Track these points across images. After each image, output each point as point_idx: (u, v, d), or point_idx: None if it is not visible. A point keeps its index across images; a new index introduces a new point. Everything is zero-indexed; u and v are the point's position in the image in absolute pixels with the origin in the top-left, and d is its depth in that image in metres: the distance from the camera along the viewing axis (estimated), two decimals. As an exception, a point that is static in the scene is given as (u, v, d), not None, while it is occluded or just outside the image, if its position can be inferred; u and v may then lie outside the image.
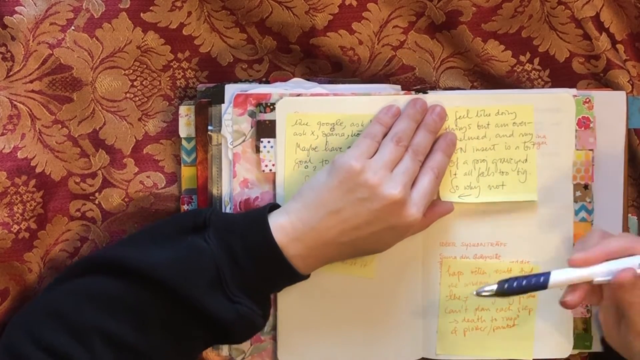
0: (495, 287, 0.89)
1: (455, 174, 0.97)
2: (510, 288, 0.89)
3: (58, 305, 0.87)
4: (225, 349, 0.98)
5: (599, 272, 0.87)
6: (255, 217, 0.91)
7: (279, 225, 0.89)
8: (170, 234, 0.90)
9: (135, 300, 0.86)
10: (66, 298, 0.87)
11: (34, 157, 0.96)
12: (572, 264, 0.87)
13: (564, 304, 0.88)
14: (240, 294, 0.88)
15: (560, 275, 0.88)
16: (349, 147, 0.93)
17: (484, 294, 0.89)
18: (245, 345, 0.98)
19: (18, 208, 0.95)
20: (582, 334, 1.00)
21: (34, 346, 0.84)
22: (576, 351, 1.00)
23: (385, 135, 0.93)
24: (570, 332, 0.99)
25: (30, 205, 0.96)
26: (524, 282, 0.88)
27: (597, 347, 1.00)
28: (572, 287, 0.88)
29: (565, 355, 1.00)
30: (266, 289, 0.91)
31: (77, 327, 0.85)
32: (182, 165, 0.99)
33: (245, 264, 0.88)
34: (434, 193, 0.94)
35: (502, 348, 0.99)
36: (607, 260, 0.87)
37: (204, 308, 0.87)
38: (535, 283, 0.88)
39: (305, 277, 0.92)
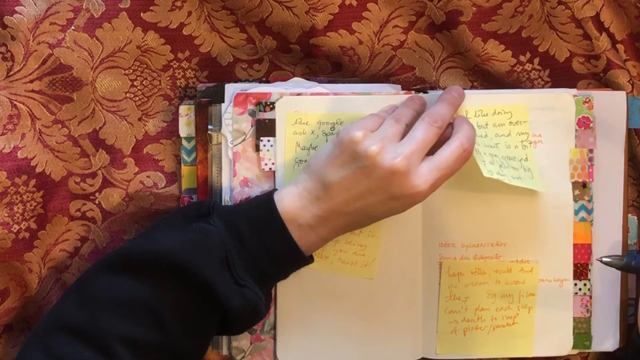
0: (623, 260, 0.89)
1: (484, 161, 0.94)
2: (638, 266, 0.90)
3: (73, 318, 0.85)
4: (225, 348, 0.99)
5: None
6: (260, 197, 0.91)
7: (289, 193, 0.90)
8: (176, 223, 0.90)
9: (149, 295, 0.86)
10: (80, 309, 0.86)
11: (34, 157, 0.96)
12: None
13: None
14: (246, 276, 0.88)
15: None
16: None
17: (605, 260, 0.90)
18: (245, 344, 0.98)
19: (18, 208, 0.95)
20: (582, 334, 1.00)
21: None
22: (576, 351, 1.01)
23: None
24: (569, 329, 0.99)
25: (31, 205, 0.96)
26: None
27: (596, 346, 1.00)
28: None
29: (565, 353, 1.00)
30: (271, 271, 0.90)
31: (96, 338, 0.84)
32: (182, 164, 0.99)
33: (249, 242, 0.88)
34: (452, 169, 0.90)
35: (501, 346, 0.99)
36: None
37: (214, 290, 0.86)
38: None
39: (308, 259, 0.91)
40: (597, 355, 1.03)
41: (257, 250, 0.88)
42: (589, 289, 1.00)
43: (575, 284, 0.99)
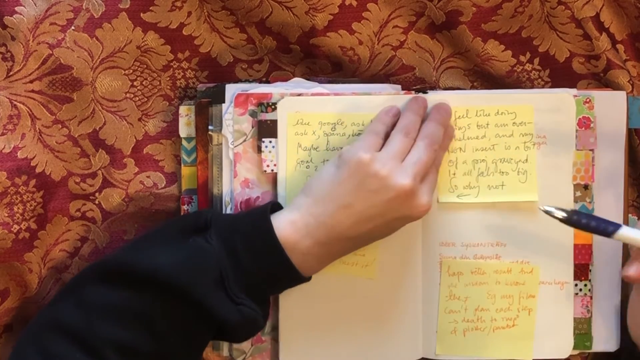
0: (564, 214, 0.88)
1: (454, 174, 0.97)
2: (579, 222, 0.88)
3: (68, 319, 0.85)
4: (225, 350, 0.99)
5: None
6: (257, 216, 0.90)
7: (290, 221, 0.89)
8: (173, 236, 0.89)
9: (144, 307, 0.85)
10: (75, 312, 0.86)
11: (34, 157, 0.96)
12: None
13: (626, 278, 0.88)
14: (243, 294, 0.88)
15: (630, 232, 0.87)
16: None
17: (553, 213, 0.88)
18: (246, 346, 0.98)
19: (18, 208, 0.95)
20: (582, 334, 1.00)
21: None
22: (576, 351, 1.01)
23: (387, 134, 0.93)
24: (570, 332, 1.00)
25: (31, 205, 0.96)
26: (593, 222, 0.87)
27: (597, 347, 1.01)
28: (636, 258, 0.87)
29: (565, 356, 1.00)
30: (268, 290, 0.91)
31: (90, 342, 0.84)
32: (182, 165, 0.99)
33: (247, 264, 0.88)
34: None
35: (501, 348, 0.99)
36: None
37: (209, 308, 0.86)
38: (603, 228, 0.87)
39: (307, 279, 0.91)
40: (597, 354, 1.03)
41: (255, 272, 0.88)
42: (589, 290, 1.00)
43: (576, 285, 0.99)
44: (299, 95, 0.96)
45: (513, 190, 0.98)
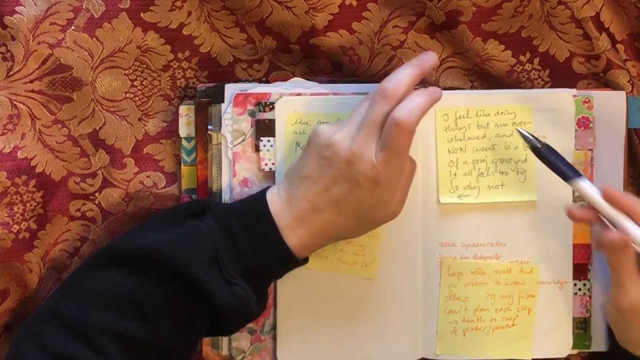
0: (538, 144, 0.92)
1: (455, 174, 0.97)
2: (543, 154, 0.92)
3: (63, 310, 0.86)
4: (225, 348, 0.99)
5: (617, 219, 0.89)
6: (254, 195, 0.91)
7: (272, 194, 0.89)
8: (169, 220, 0.90)
9: (139, 291, 0.85)
10: (70, 302, 0.86)
11: (34, 157, 0.96)
12: (607, 193, 0.90)
13: (569, 213, 0.92)
14: (237, 275, 0.87)
15: (587, 189, 0.91)
16: None
17: (525, 133, 0.92)
18: (245, 345, 0.98)
19: (18, 208, 0.95)
20: (581, 334, 1.00)
21: (44, 355, 0.84)
22: (575, 351, 1.01)
23: None
24: (569, 331, 1.00)
25: (30, 205, 0.96)
26: (558, 162, 0.92)
27: (596, 347, 1.01)
28: (588, 206, 0.91)
29: (564, 355, 1.00)
30: (263, 270, 0.89)
31: (84, 331, 0.84)
32: (182, 164, 0.99)
33: (242, 244, 0.87)
34: (395, 146, 0.86)
35: (501, 348, 0.99)
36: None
37: (202, 286, 0.86)
38: (564, 171, 0.91)
39: (300, 261, 0.90)
40: (596, 354, 1.03)
41: (248, 249, 0.88)
42: (588, 289, 1.00)
43: (575, 284, 0.99)
44: (298, 95, 0.96)
45: (513, 190, 0.98)
